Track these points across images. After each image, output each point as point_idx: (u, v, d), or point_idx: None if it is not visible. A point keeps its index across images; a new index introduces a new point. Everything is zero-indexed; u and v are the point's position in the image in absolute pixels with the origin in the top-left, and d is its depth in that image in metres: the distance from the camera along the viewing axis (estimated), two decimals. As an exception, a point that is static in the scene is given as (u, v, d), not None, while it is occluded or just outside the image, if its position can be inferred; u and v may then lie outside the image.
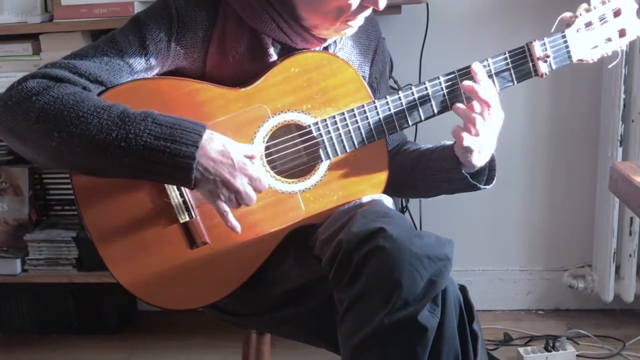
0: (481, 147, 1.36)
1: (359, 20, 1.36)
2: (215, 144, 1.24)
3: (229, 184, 1.25)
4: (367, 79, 1.53)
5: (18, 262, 2.29)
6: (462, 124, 1.36)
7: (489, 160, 1.41)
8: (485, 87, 1.35)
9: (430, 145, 1.50)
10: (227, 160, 1.24)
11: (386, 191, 1.44)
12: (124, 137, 1.20)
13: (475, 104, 1.35)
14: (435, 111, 1.40)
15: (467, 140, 1.34)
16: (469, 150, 1.36)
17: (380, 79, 1.56)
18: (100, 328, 2.47)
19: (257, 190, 1.28)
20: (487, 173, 1.45)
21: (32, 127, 1.22)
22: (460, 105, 1.37)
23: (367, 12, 1.34)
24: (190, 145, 1.21)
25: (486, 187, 1.45)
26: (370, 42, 1.53)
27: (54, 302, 2.45)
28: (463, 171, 1.40)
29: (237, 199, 1.27)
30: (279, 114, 1.37)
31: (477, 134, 1.34)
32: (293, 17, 1.35)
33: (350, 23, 1.35)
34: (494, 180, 1.46)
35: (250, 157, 1.29)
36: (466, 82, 1.35)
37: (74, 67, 1.28)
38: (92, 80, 1.29)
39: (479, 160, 1.38)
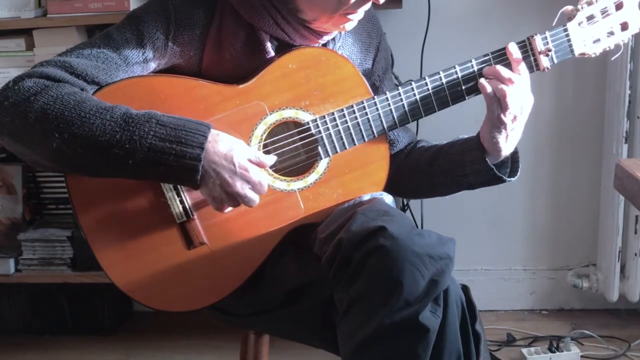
0: (509, 129, 1.35)
1: (359, 14, 1.35)
2: (219, 146, 1.24)
3: (228, 187, 1.24)
4: (369, 76, 1.51)
5: (11, 261, 2.28)
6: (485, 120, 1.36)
7: (512, 152, 1.41)
8: (518, 69, 1.35)
9: (448, 141, 1.48)
10: (228, 164, 1.24)
11: (397, 192, 1.42)
12: (129, 139, 1.19)
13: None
14: (436, 108, 1.39)
15: (500, 109, 1.32)
16: (497, 129, 1.34)
17: (384, 77, 1.55)
18: (95, 329, 2.46)
19: (258, 193, 1.28)
20: (510, 165, 1.43)
21: (31, 128, 1.21)
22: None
23: (367, 5, 1.33)
24: (196, 147, 1.21)
25: (511, 179, 1.43)
26: (372, 39, 1.52)
27: (47, 303, 2.44)
28: (489, 163, 1.38)
29: (239, 202, 1.27)
30: (276, 111, 1.36)
31: (506, 106, 1.32)
32: (291, 10, 1.34)
33: (350, 17, 1.34)
34: (518, 173, 1.44)
35: (258, 165, 1.28)
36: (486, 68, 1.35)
37: (70, 66, 1.27)
38: (89, 81, 1.28)
39: (505, 145, 1.37)
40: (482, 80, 1.34)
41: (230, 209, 1.28)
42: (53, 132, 1.20)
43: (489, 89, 1.33)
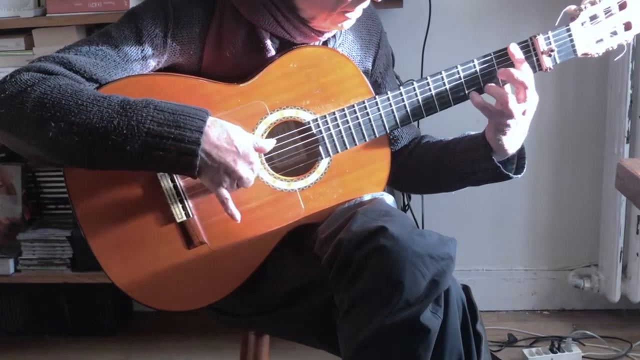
0: (514, 132, 1.34)
1: (357, 12, 1.34)
2: (218, 130, 1.23)
3: (231, 171, 1.24)
4: (370, 74, 1.51)
5: (11, 262, 2.27)
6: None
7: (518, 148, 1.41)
8: (521, 69, 1.34)
9: (454, 137, 1.48)
10: (230, 148, 1.23)
11: (401, 188, 1.42)
12: (126, 125, 1.18)
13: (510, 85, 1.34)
14: (438, 108, 1.38)
15: (502, 117, 1.32)
16: (502, 132, 1.33)
17: (386, 74, 1.55)
18: (94, 329, 2.46)
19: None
20: (516, 161, 1.43)
21: (27, 118, 1.20)
22: (492, 84, 1.35)
23: (365, 3, 1.32)
24: (195, 131, 1.19)
25: (517, 176, 1.43)
26: (372, 37, 1.52)
27: (47, 303, 2.43)
28: (495, 161, 1.38)
29: (238, 185, 1.26)
30: (277, 110, 1.35)
31: (510, 115, 1.31)
32: (290, 8, 1.34)
33: (347, 15, 1.33)
34: (524, 169, 1.44)
35: (258, 150, 1.28)
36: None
37: (68, 62, 1.26)
38: (87, 77, 1.27)
39: (511, 145, 1.37)
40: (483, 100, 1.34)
41: (231, 202, 1.28)
42: (49, 121, 1.18)
43: (490, 108, 1.32)
